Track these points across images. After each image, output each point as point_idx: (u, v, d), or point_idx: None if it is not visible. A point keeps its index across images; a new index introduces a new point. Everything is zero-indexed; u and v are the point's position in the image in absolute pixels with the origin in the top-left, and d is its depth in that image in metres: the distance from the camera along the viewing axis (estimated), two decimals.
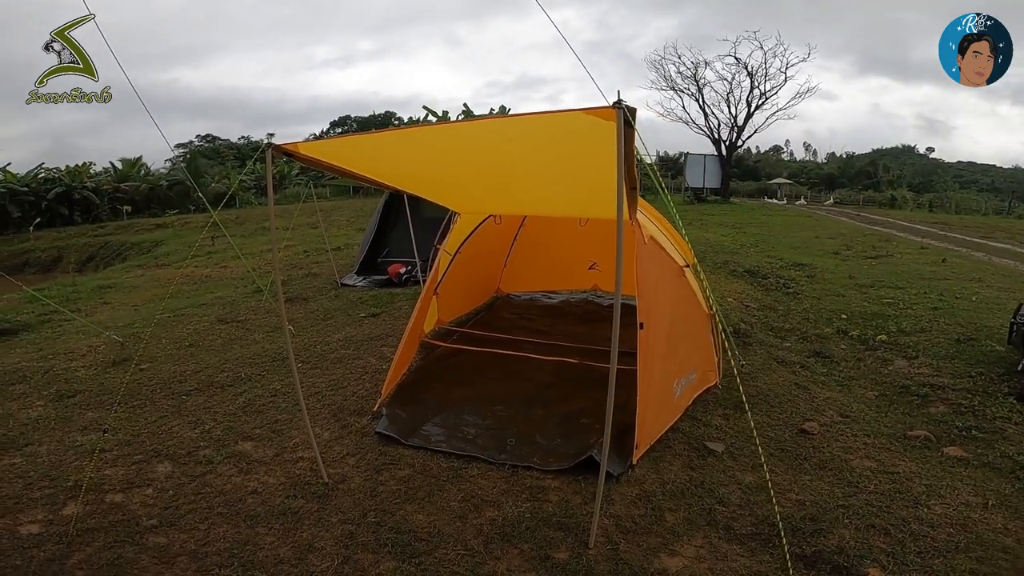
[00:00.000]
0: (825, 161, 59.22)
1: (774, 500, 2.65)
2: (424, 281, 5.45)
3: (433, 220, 7.65)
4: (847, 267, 10.39)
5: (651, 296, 3.70)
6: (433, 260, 5.40)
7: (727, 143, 30.50)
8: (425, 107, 30.06)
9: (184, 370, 5.26)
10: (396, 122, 35.47)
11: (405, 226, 8.42)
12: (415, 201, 8.24)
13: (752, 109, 29.33)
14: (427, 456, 3.49)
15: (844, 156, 55.47)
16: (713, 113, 30.17)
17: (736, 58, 28.89)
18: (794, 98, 29.02)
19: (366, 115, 41.67)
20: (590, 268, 7.09)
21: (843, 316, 6.65)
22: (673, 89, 30.07)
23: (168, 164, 31.98)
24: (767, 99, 28.99)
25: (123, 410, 4.39)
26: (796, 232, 16.66)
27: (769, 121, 29.83)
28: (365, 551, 2.63)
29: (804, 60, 28.46)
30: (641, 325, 3.50)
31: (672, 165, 43.09)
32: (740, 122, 29.81)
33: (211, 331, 6.65)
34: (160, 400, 4.60)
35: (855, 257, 11.82)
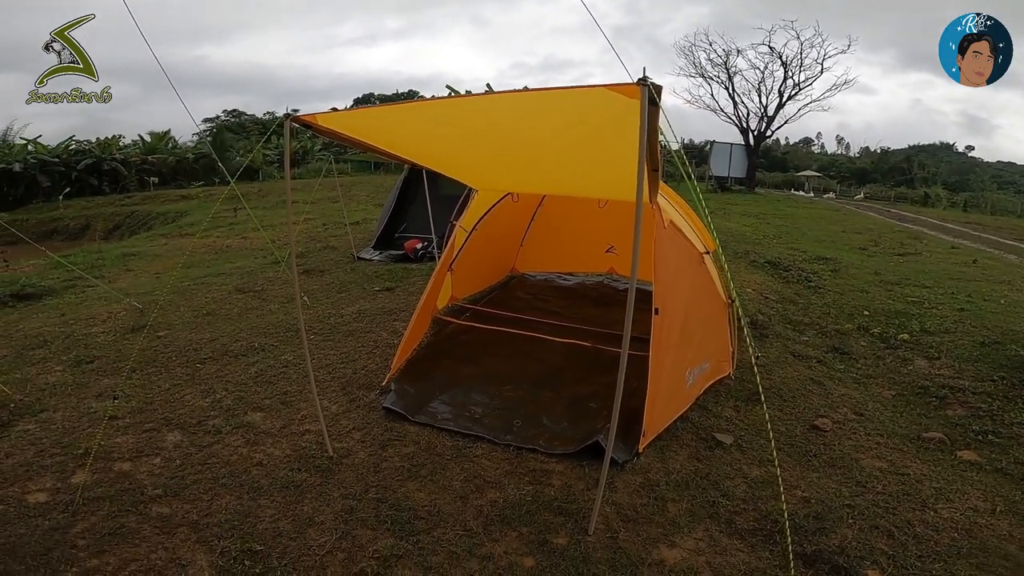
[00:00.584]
0: (858, 155, 57.19)
1: (783, 496, 2.56)
2: (439, 257, 5.40)
3: (451, 197, 7.57)
4: (873, 263, 10.02)
5: (668, 282, 3.60)
6: (449, 236, 5.35)
7: (755, 132, 29.56)
8: (448, 86, 29.66)
9: (200, 338, 5.31)
10: (419, 99, 35.01)
11: (423, 202, 8.37)
12: (433, 178, 8.19)
13: (784, 99, 28.25)
14: (432, 433, 3.47)
15: (879, 151, 53.39)
16: (743, 102, 29.21)
17: (770, 47, 27.76)
18: (829, 90, 27.85)
19: (389, 93, 41.38)
20: (607, 251, 6.96)
21: (865, 313, 6.42)
22: (702, 76, 29.15)
23: (195, 138, 32.35)
24: (800, 89, 27.86)
25: (138, 377, 4.44)
26: (822, 225, 16.07)
27: (801, 112, 28.73)
28: (364, 527, 2.62)
29: (843, 52, 27.25)
30: (656, 311, 3.40)
31: (697, 153, 42.04)
32: (770, 112, 28.83)
33: (228, 300, 6.69)
34: (175, 367, 4.64)
35: (882, 253, 11.38)
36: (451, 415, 3.65)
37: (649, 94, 2.05)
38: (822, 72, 27.26)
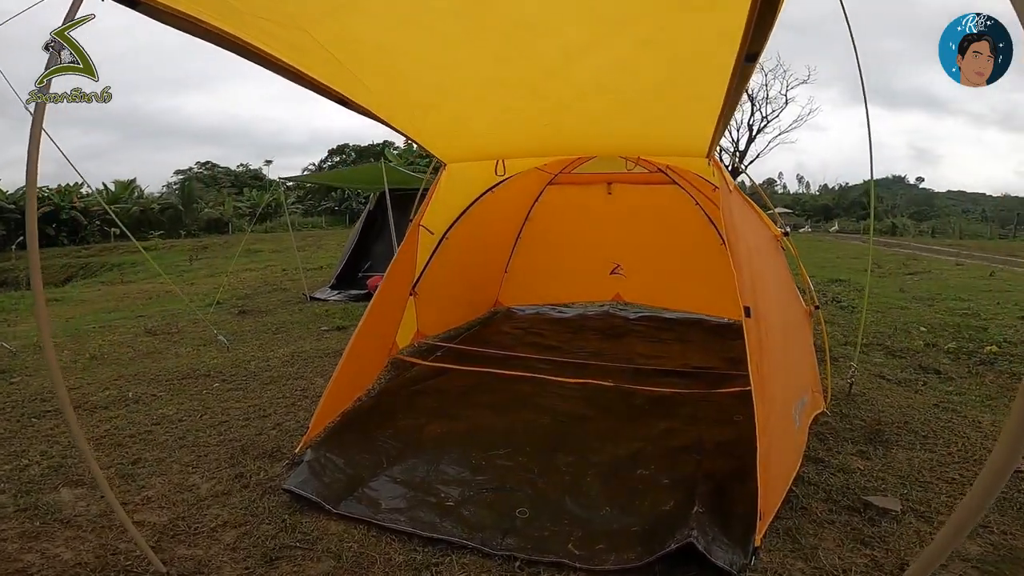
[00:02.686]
0: (819, 192, 58.83)
1: None
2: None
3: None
4: (891, 283, 9.32)
5: (752, 267, 2.24)
6: (406, 238, 3.60)
7: (730, 168, 29.79)
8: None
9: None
10: (393, 150, 33.62)
11: (387, 238, 7.04)
12: (401, 208, 6.83)
13: (754, 133, 28.70)
14: (369, 537, 1.92)
15: (837, 187, 55.09)
16: None
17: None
18: (796, 120, 28.50)
19: (365, 144, 40.69)
20: (612, 272, 5.62)
21: (923, 328, 5.49)
22: None
23: (164, 189, 31.18)
24: (768, 122, 28.38)
25: None
26: (815, 253, 15.55)
27: (771, 145, 29.25)
28: None
29: (804, 82, 28.02)
30: (747, 311, 2.02)
31: None
32: (742, 147, 29.14)
33: (130, 343, 5.22)
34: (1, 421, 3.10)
35: (892, 274, 10.72)
36: (405, 503, 2.10)
37: None
38: (787, 103, 27.80)
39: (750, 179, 14.10)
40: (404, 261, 3.62)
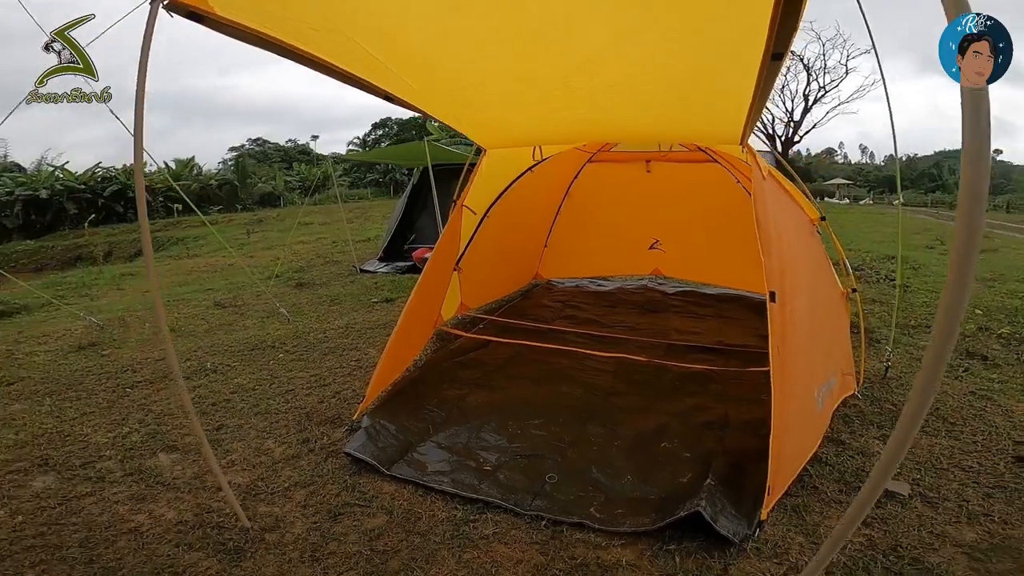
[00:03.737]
0: (883, 164, 55.07)
1: None
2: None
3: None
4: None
5: (781, 253, 2.32)
6: (450, 218, 3.86)
7: (783, 138, 28.35)
8: None
9: (146, 358, 4.26)
10: (434, 121, 33.86)
11: (432, 211, 7.31)
12: (444, 182, 7.06)
13: (810, 103, 27.12)
14: (416, 496, 2.20)
15: (904, 158, 51.58)
16: (767, 108, 28.19)
17: (791, 50, 26.98)
18: (857, 91, 26.66)
19: (406, 117, 40.98)
20: (651, 248, 5.68)
21: (978, 311, 5.28)
22: None
23: (220, 165, 32.50)
24: (826, 92, 26.71)
25: (50, 402, 3.45)
26: (874, 227, 14.64)
27: (829, 115, 27.55)
28: None
29: (868, 52, 26.22)
30: (772, 296, 2.13)
31: None
32: (796, 116, 27.66)
33: (202, 316, 5.70)
34: (99, 392, 3.62)
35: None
36: (448, 466, 2.37)
37: None
38: (847, 73, 26.04)
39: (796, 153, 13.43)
40: (449, 240, 3.84)
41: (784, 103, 27.81)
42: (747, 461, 2.25)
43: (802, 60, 26.62)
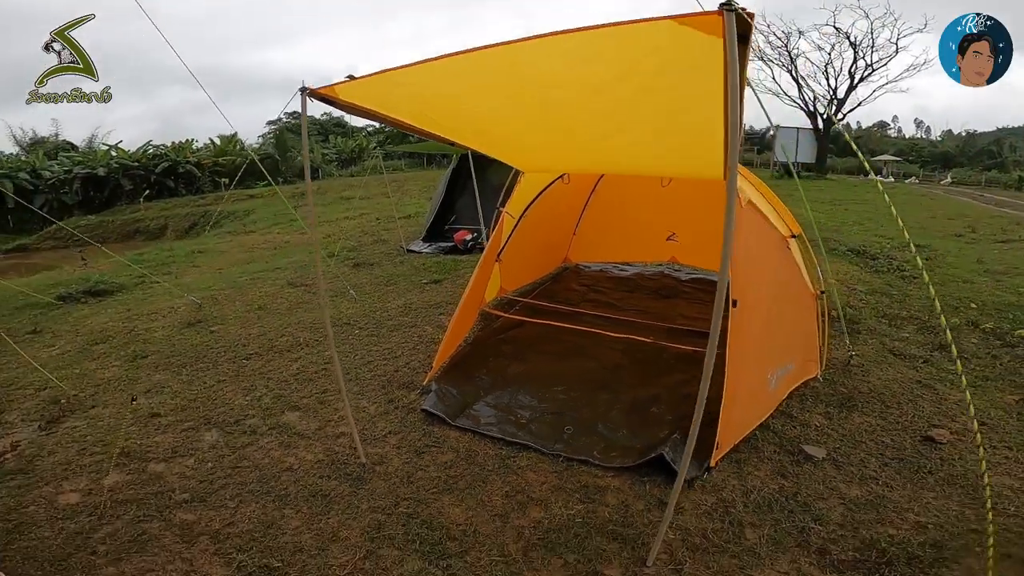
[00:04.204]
0: (940, 139, 52.23)
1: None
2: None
3: (500, 187, 7.26)
4: (974, 251, 8.92)
5: (748, 270, 3.11)
6: (496, 224, 4.99)
7: (824, 116, 27.60)
8: None
9: (248, 333, 5.26)
10: None
11: (472, 193, 8.13)
12: (482, 168, 7.91)
13: (855, 81, 26.24)
14: (474, 440, 3.16)
15: (963, 134, 48.68)
16: (808, 85, 27.31)
17: (836, 27, 25.75)
18: (907, 70, 25.55)
19: None
20: (668, 239, 6.41)
21: (973, 306, 5.65)
22: (761, 59, 27.50)
23: (259, 140, 33.61)
24: (874, 71, 25.78)
25: (187, 372, 4.42)
26: (909, 211, 14.58)
27: (876, 94, 26.59)
28: (391, 546, 2.34)
29: (920, 31, 24.94)
30: (734, 303, 2.93)
31: (759, 139, 39.77)
32: (840, 94, 26.78)
33: (280, 295, 6.68)
34: (222, 363, 4.59)
35: (983, 240, 10.15)
36: (495, 419, 3.33)
37: (736, 22, 1.51)
38: (897, 52, 24.99)
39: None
40: (495, 240, 4.77)
41: (828, 80, 26.96)
42: (711, 423, 3.09)
43: (848, 37, 25.62)
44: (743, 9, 1.48)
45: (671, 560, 2.26)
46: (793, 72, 27.24)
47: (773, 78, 28.43)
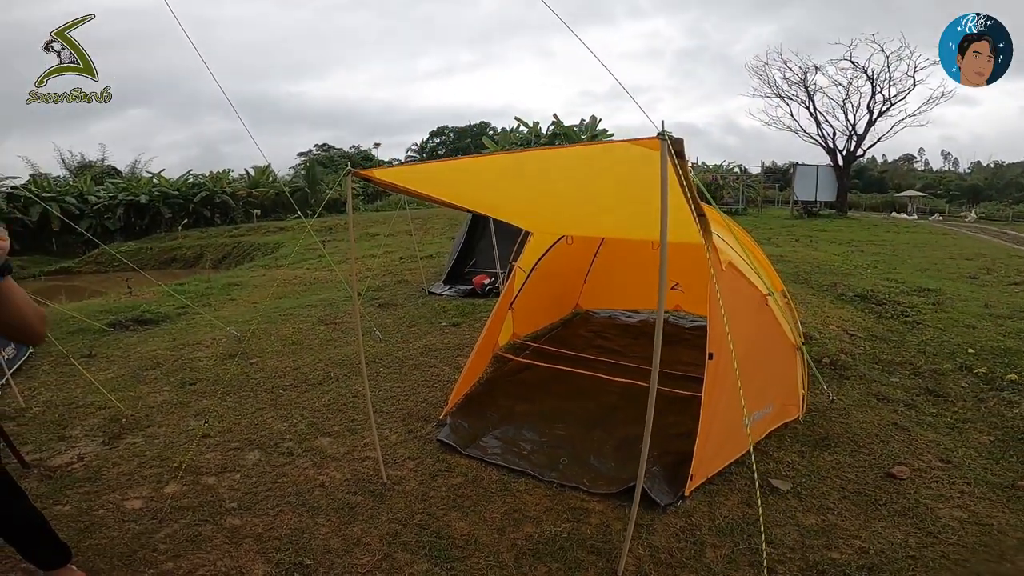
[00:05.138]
0: (969, 171, 52.03)
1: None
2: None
3: (517, 233, 7.82)
4: (984, 294, 9.04)
5: (721, 329, 3.55)
6: (509, 276, 5.58)
7: (844, 152, 27.94)
8: (517, 118, 30.82)
9: (284, 366, 5.83)
10: (490, 132, 36.79)
11: (490, 239, 8.71)
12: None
13: (875, 116, 26.62)
14: (480, 467, 3.62)
15: (992, 165, 48.45)
16: (827, 121, 27.77)
17: (852, 62, 26.29)
18: (927, 103, 25.86)
19: (462, 125, 43.49)
20: (672, 288, 6.88)
21: (970, 351, 5.83)
22: (779, 96, 28.11)
23: (291, 171, 35.13)
24: (892, 104, 26.13)
25: (231, 400, 4.97)
26: (926, 252, 14.68)
27: (895, 129, 26.82)
28: (405, 550, 2.80)
29: (937, 63, 25.35)
30: (711, 355, 3.41)
31: (780, 176, 40.18)
32: (860, 129, 27.17)
33: (312, 331, 7.27)
34: (261, 392, 5.14)
35: (996, 283, 10.22)
36: (500, 450, 3.78)
37: (670, 148, 2.15)
38: (915, 85, 25.36)
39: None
40: (508, 290, 5.34)
41: (847, 115, 27.42)
42: (689, 459, 3.51)
43: (865, 71, 26.22)
44: (672, 136, 2.18)
45: (638, 571, 2.65)
46: (811, 108, 27.69)
47: (791, 115, 28.75)
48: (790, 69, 27.80)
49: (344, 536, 2.94)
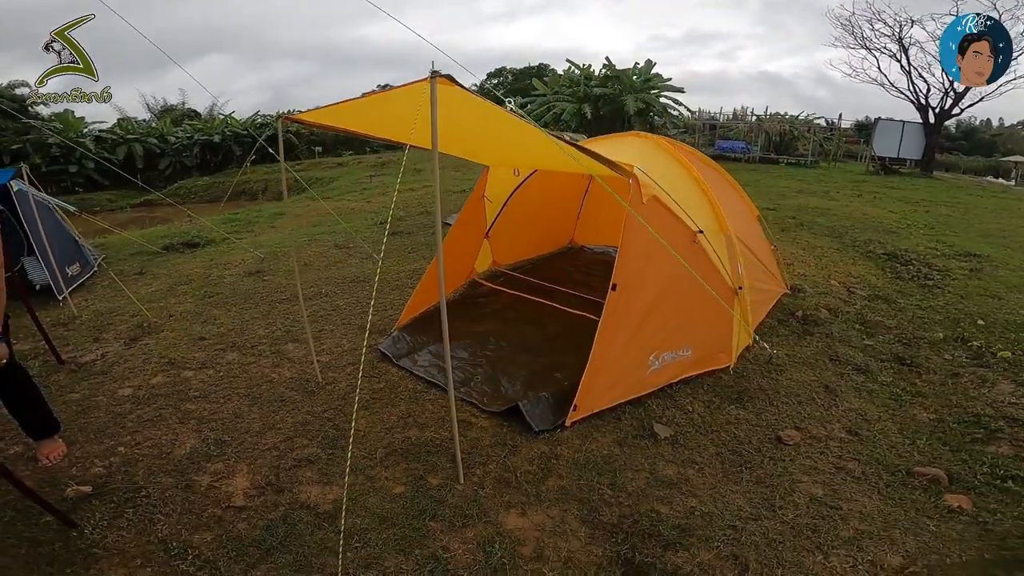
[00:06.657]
0: None
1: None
2: None
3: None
4: None
5: (636, 260, 3.61)
6: None
7: (936, 110, 24.67)
8: (568, 60, 29.81)
9: (289, 283, 6.48)
10: (549, 72, 36.02)
11: None
12: None
13: None
14: (405, 377, 4.06)
15: None
16: (921, 76, 24.48)
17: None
18: None
19: (520, 66, 42.37)
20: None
21: (979, 322, 5.28)
22: (866, 48, 24.97)
23: None
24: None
25: (236, 310, 5.68)
26: (1003, 218, 12.82)
27: (1002, 89, 23.07)
28: (305, 437, 3.33)
29: None
30: (614, 286, 3.44)
31: (864, 130, 36.37)
32: (959, 87, 23.69)
33: (325, 255, 7.90)
34: (262, 304, 5.80)
35: None
36: (427, 364, 4.19)
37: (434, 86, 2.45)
38: None
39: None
40: (473, 213, 5.60)
41: (945, 72, 24.07)
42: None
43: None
44: (437, 72, 2.46)
45: (478, 484, 2.91)
46: (904, 62, 24.65)
47: (878, 68, 25.85)
48: (883, 22, 24.53)
49: (265, 422, 3.51)
